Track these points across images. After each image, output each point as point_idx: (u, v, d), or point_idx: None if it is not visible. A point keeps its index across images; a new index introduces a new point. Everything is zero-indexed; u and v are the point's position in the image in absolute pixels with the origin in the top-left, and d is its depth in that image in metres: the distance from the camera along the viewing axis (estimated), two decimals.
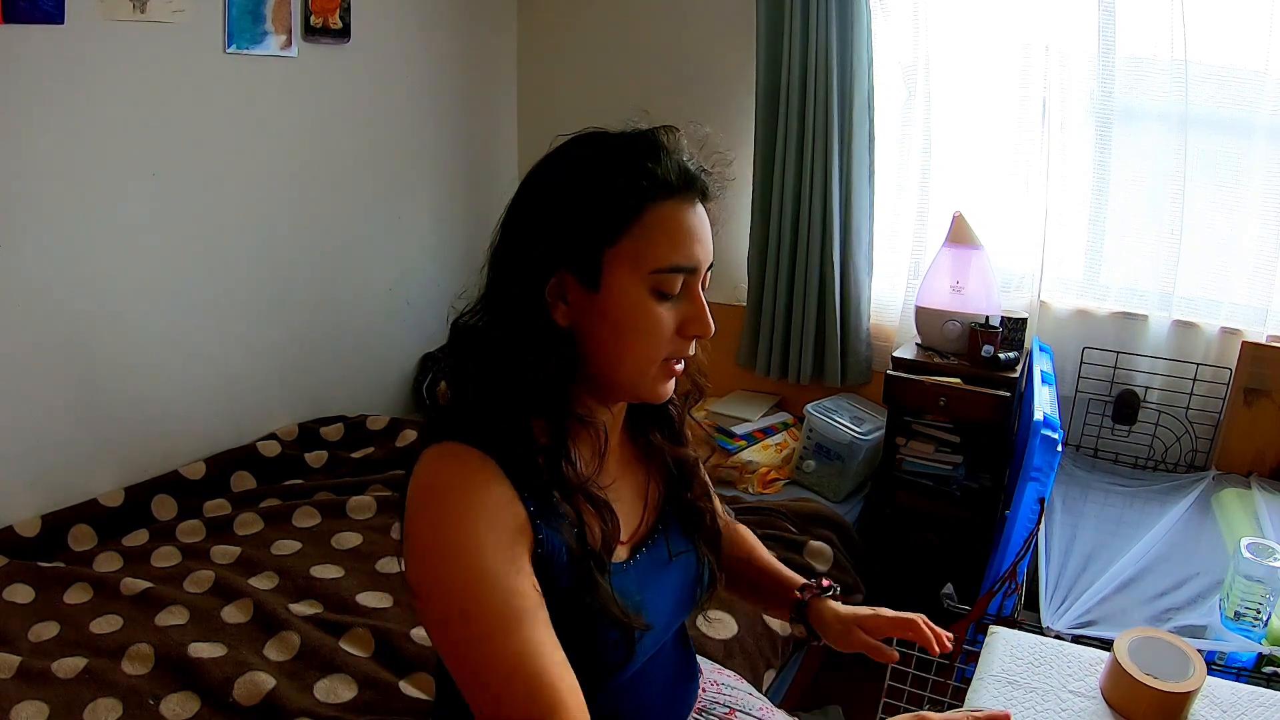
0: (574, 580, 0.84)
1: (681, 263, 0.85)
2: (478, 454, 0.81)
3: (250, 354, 2.37)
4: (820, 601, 1.10)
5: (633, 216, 0.83)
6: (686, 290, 0.87)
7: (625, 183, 0.83)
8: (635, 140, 0.86)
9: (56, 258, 1.92)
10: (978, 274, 2.30)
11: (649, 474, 1.01)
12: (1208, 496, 2.00)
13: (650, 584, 0.95)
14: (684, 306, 0.87)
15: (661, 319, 0.85)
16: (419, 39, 2.69)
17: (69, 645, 1.57)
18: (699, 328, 0.87)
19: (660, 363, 0.88)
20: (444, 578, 0.77)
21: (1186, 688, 0.97)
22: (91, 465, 2.04)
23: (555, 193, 0.85)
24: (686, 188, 0.85)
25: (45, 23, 1.79)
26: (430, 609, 0.79)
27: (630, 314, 0.84)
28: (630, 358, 0.86)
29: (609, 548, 0.88)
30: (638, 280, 0.84)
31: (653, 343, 0.86)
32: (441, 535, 0.78)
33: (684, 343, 0.88)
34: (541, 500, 0.83)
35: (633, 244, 0.83)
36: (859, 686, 1.90)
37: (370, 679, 1.51)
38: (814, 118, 2.41)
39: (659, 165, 0.84)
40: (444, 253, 2.92)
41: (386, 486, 2.20)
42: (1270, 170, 2.11)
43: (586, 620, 0.85)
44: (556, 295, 0.85)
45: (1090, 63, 2.23)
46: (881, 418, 2.41)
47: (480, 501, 0.79)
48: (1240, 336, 2.17)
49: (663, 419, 1.02)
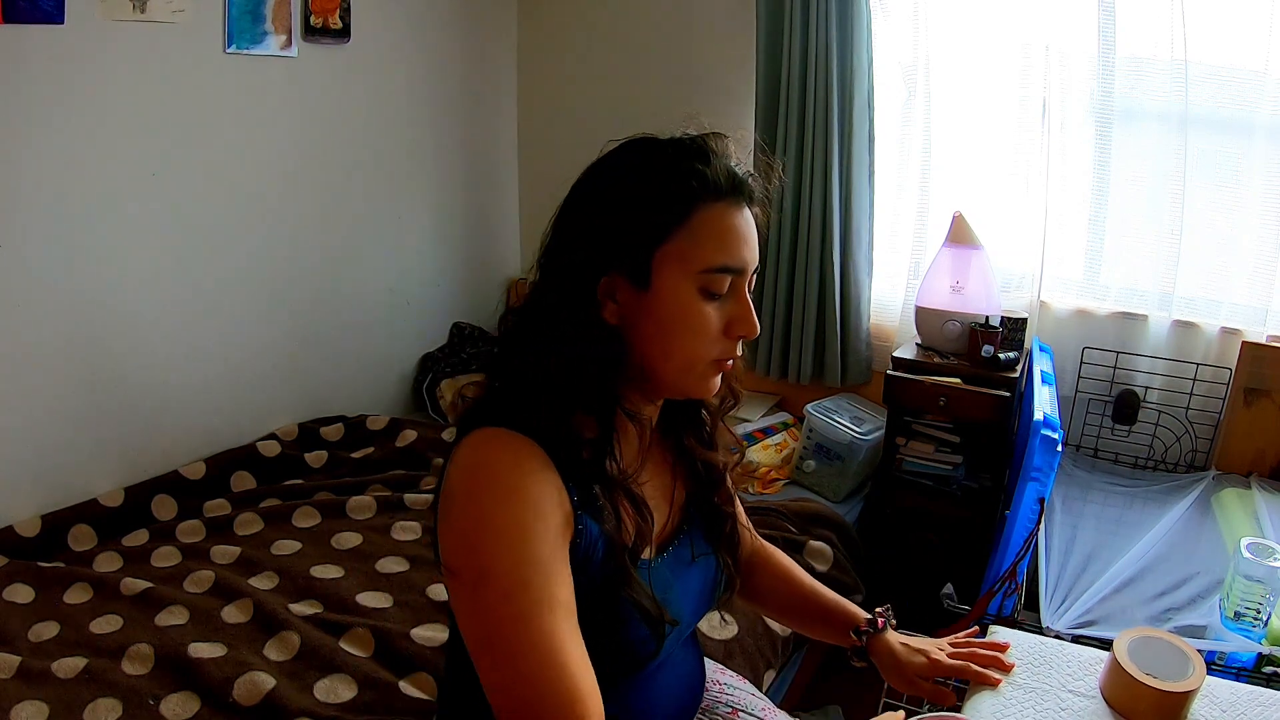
0: (608, 573, 0.86)
1: (729, 263, 0.87)
2: (526, 441, 0.82)
3: (250, 354, 2.37)
4: (877, 637, 1.12)
5: (682, 217, 0.86)
6: (733, 291, 0.89)
7: (676, 185, 0.86)
8: (685, 145, 0.89)
9: (56, 258, 1.92)
10: (978, 274, 2.30)
11: (676, 475, 1.03)
12: (1208, 496, 2.00)
13: (674, 583, 0.97)
14: (730, 307, 0.89)
15: (709, 318, 0.87)
16: (419, 39, 2.70)
17: (69, 645, 1.57)
18: (745, 328, 0.89)
19: (709, 363, 0.90)
20: (489, 557, 0.78)
21: (1186, 688, 0.97)
22: (91, 465, 2.04)
23: (606, 196, 0.88)
24: (735, 191, 0.88)
25: (45, 23, 1.79)
26: (468, 587, 0.79)
27: (679, 313, 0.86)
28: (678, 356, 0.88)
29: (643, 544, 0.90)
30: (687, 280, 0.86)
31: (700, 342, 0.88)
32: (491, 515, 0.79)
33: (730, 343, 0.90)
34: (584, 493, 0.85)
35: (682, 244, 0.86)
36: (859, 686, 1.90)
37: (370, 679, 1.51)
38: (814, 117, 2.41)
39: (708, 168, 0.87)
40: (444, 253, 2.93)
41: (386, 486, 2.20)
42: (1270, 170, 2.11)
43: (616, 613, 0.86)
44: (606, 294, 0.88)
45: (1090, 63, 2.23)
46: (881, 418, 2.41)
47: (530, 486, 0.80)
48: (1240, 336, 2.17)
49: (696, 422, 1.03)
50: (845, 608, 1.15)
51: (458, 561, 0.80)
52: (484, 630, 0.78)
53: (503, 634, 0.77)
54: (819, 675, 2.11)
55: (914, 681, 1.09)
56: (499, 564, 0.77)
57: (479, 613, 0.78)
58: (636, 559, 0.89)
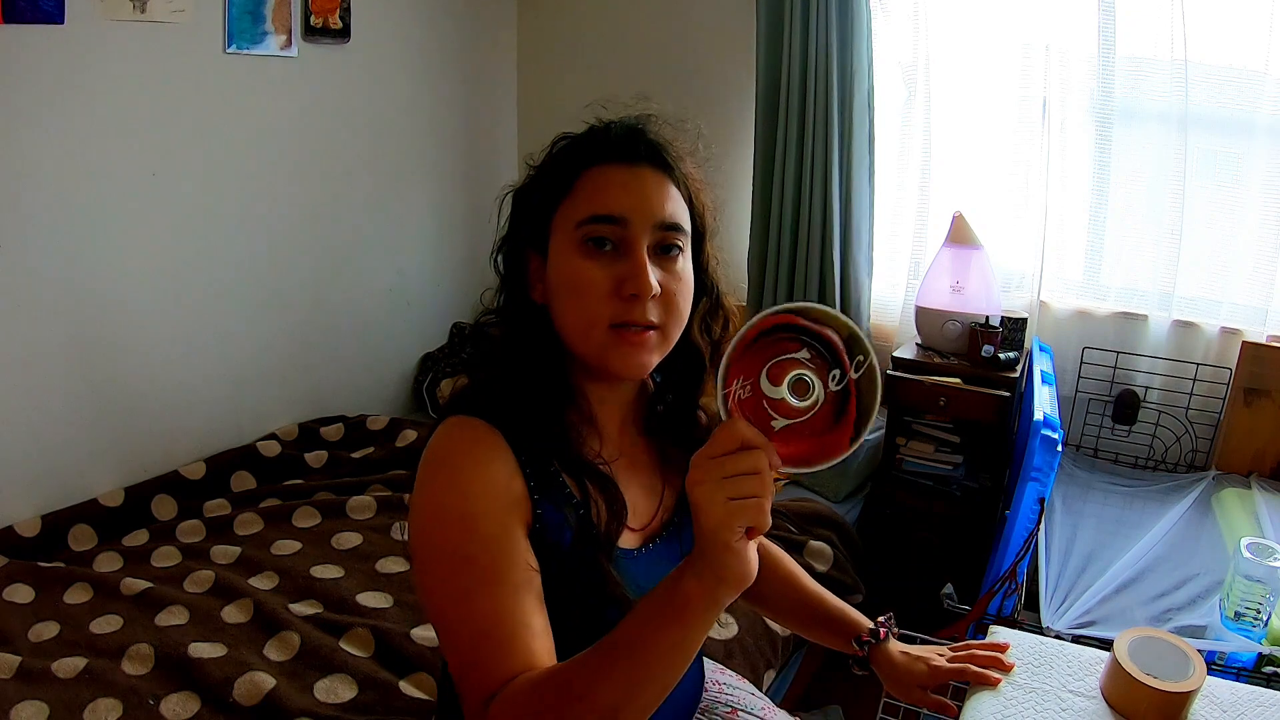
0: (575, 559, 0.85)
1: (599, 211, 0.84)
2: (485, 426, 0.83)
3: (250, 354, 2.37)
4: (878, 647, 1.09)
5: (570, 182, 0.87)
6: (625, 248, 0.84)
7: (565, 155, 0.89)
8: (596, 125, 0.91)
9: (56, 258, 1.92)
10: (978, 274, 2.30)
11: (667, 465, 0.99)
12: (1208, 496, 2.00)
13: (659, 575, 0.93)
14: (621, 265, 0.84)
15: (593, 276, 0.83)
16: (419, 39, 2.69)
17: (69, 645, 1.57)
18: (632, 285, 0.83)
19: (606, 329, 0.84)
20: (436, 536, 0.80)
21: (1186, 688, 0.97)
22: (91, 465, 2.04)
23: (523, 185, 0.93)
24: (628, 152, 0.87)
25: (45, 23, 1.79)
26: (422, 569, 0.81)
27: (563, 273, 0.86)
28: (571, 321, 0.86)
29: (615, 528, 0.88)
30: (568, 239, 0.85)
31: (587, 302, 0.84)
32: (440, 498, 0.81)
33: (625, 305, 0.83)
34: (544, 476, 0.85)
35: (567, 208, 0.86)
36: (859, 686, 1.90)
37: (370, 679, 1.51)
38: (814, 118, 2.41)
39: (599, 133, 0.89)
40: (444, 253, 2.92)
41: (386, 486, 2.20)
42: (1270, 170, 2.11)
43: (587, 600, 0.85)
44: (537, 277, 0.90)
45: (1090, 63, 2.23)
46: (881, 418, 2.41)
47: (479, 468, 0.81)
48: (1240, 336, 2.17)
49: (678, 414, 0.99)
50: (848, 615, 1.13)
51: (412, 543, 0.82)
52: (433, 609, 0.80)
53: (448, 612, 0.79)
54: (819, 675, 2.11)
55: (914, 691, 1.07)
56: (444, 543, 0.79)
57: (427, 589, 0.80)
58: (611, 546, 0.87)
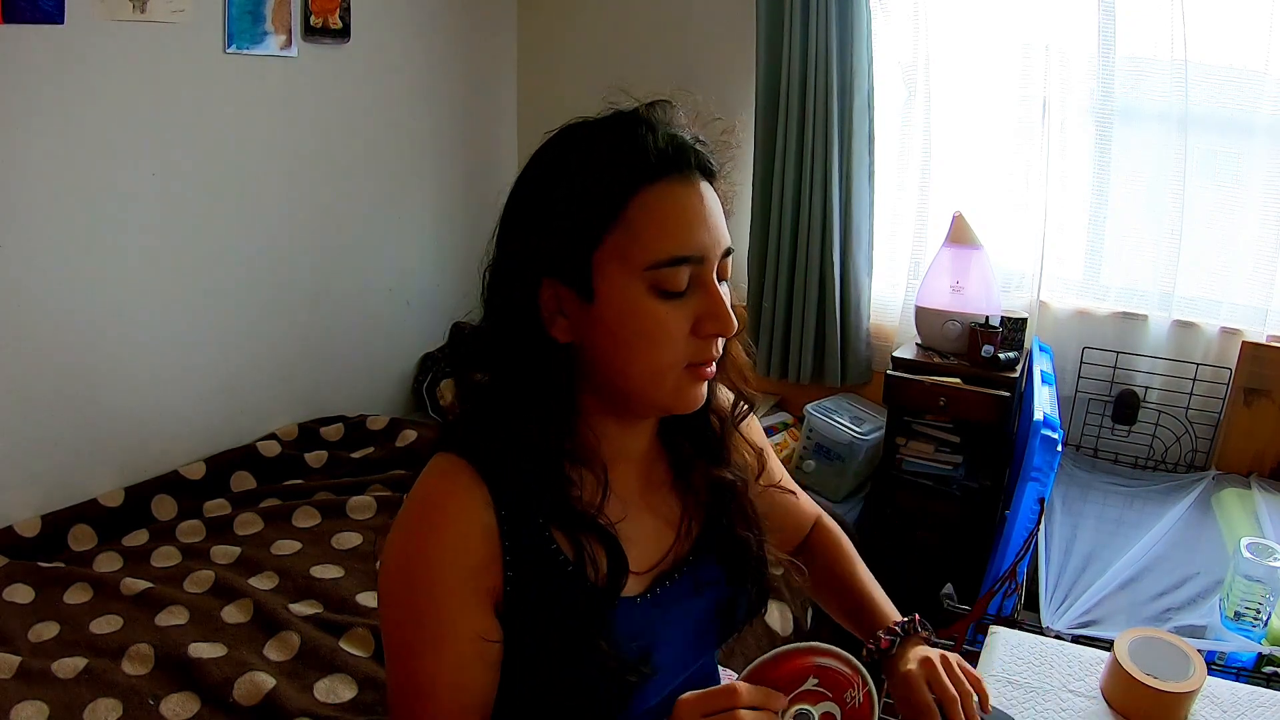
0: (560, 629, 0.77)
1: (678, 253, 0.73)
2: (469, 475, 0.77)
3: (250, 354, 2.37)
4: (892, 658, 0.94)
5: (616, 211, 0.72)
6: (697, 283, 0.75)
7: (605, 175, 0.73)
8: (613, 123, 0.76)
9: (56, 258, 1.92)
10: (978, 274, 2.30)
11: (687, 497, 0.89)
12: (1208, 496, 2.00)
13: (667, 619, 0.85)
14: (696, 302, 0.75)
15: (668, 322, 0.74)
16: (419, 39, 2.69)
17: (69, 645, 1.57)
18: (715, 325, 0.75)
19: (682, 371, 0.76)
20: (394, 586, 0.78)
21: (1186, 688, 0.97)
22: (91, 465, 2.04)
23: (533, 199, 0.77)
24: (678, 164, 0.74)
25: (45, 23, 1.79)
26: (380, 607, 0.80)
27: (630, 321, 0.73)
28: (640, 369, 0.75)
29: (613, 588, 0.79)
30: (633, 281, 0.73)
31: (663, 350, 0.74)
32: (404, 549, 0.77)
33: (703, 344, 0.76)
34: (526, 537, 0.77)
35: (620, 241, 0.73)
36: None
37: (370, 679, 1.51)
38: (814, 118, 2.41)
39: (640, 145, 0.73)
40: (444, 253, 2.92)
41: (386, 486, 2.20)
42: (1270, 170, 2.11)
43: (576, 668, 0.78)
44: (555, 309, 0.76)
45: (1090, 63, 2.23)
46: (881, 418, 2.41)
47: (448, 529, 0.76)
48: (1240, 336, 2.17)
49: (699, 434, 0.89)
50: (873, 612, 0.99)
51: (379, 579, 0.80)
52: (385, 649, 0.80)
53: (391, 655, 0.78)
54: None
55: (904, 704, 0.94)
56: (400, 596, 0.77)
57: (382, 630, 0.80)
58: (610, 605, 0.79)
